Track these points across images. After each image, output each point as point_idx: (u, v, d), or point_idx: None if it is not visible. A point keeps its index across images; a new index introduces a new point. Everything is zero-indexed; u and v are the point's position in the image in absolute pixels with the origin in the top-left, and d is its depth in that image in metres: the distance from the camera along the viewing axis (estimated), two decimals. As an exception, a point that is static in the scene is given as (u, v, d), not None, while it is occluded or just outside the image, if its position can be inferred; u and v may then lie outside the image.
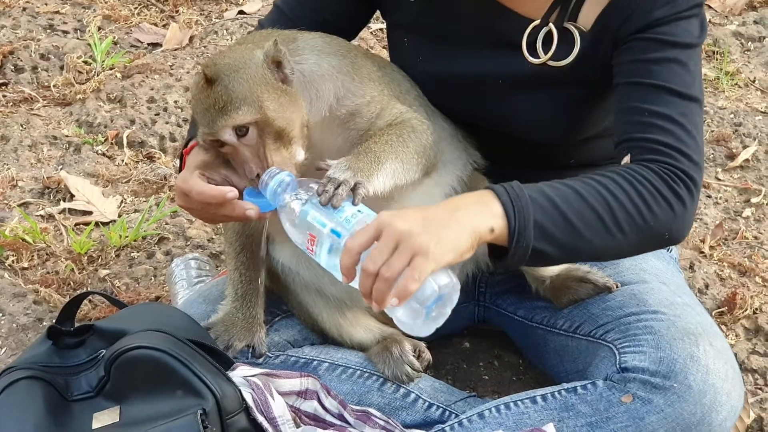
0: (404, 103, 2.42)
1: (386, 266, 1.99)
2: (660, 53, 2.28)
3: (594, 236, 2.18)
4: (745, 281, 3.24)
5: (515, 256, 2.14)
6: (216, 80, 2.18)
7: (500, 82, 2.47)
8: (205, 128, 2.21)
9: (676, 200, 2.22)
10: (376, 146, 2.25)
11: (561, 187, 2.19)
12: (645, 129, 2.26)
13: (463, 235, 2.06)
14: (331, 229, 2.07)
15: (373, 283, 2.00)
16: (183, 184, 2.27)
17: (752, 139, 3.99)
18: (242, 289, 2.51)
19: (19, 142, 3.87)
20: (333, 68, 2.33)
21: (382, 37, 4.62)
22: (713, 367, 2.25)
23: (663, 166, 2.22)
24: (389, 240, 2.00)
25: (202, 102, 2.21)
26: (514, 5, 2.43)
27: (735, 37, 4.74)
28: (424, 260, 1.99)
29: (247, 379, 2.23)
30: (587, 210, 2.16)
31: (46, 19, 4.71)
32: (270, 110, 2.18)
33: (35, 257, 3.31)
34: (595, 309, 2.49)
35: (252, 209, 2.19)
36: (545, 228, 2.13)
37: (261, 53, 2.22)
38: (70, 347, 2.33)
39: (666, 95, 2.26)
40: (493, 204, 2.13)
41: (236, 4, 5.00)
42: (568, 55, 2.39)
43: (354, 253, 2.02)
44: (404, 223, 2.01)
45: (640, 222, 2.20)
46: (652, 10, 2.28)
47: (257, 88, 2.19)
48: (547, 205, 2.14)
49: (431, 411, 2.47)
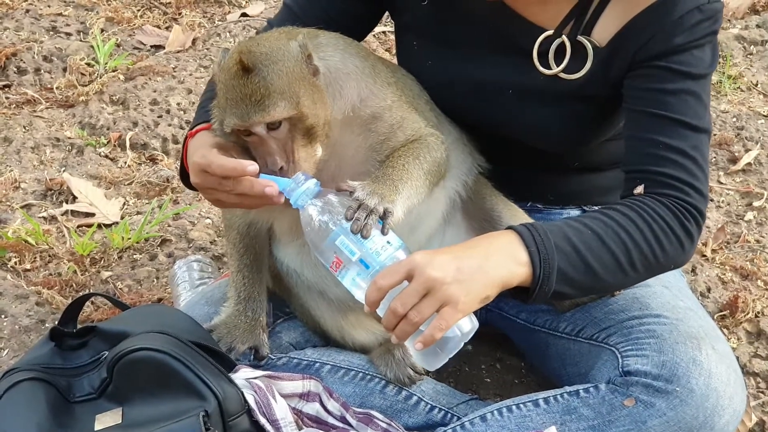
0: (417, 108, 2.42)
1: (415, 311, 2.04)
2: (675, 84, 2.30)
3: (609, 276, 2.24)
4: (747, 285, 3.24)
5: (537, 299, 2.20)
6: (253, 69, 2.14)
7: (510, 90, 2.47)
8: (237, 119, 2.16)
9: (685, 235, 2.28)
10: (395, 172, 2.25)
11: (583, 230, 2.23)
12: (659, 162, 2.29)
13: (491, 287, 2.13)
14: (360, 259, 2.09)
15: (398, 322, 2.06)
16: (201, 160, 2.21)
17: (754, 143, 3.99)
18: (245, 291, 2.50)
19: (21, 143, 3.87)
20: (357, 68, 2.32)
21: (385, 40, 4.62)
22: (716, 370, 2.25)
23: (676, 201, 2.27)
24: (420, 286, 2.05)
25: (236, 90, 2.16)
26: (528, 13, 2.42)
27: (738, 41, 4.74)
28: (452, 311, 2.05)
29: (250, 381, 2.23)
30: (606, 253, 2.22)
31: (49, 21, 4.71)
32: (305, 107, 2.16)
33: (38, 259, 3.31)
34: (598, 312, 2.49)
35: (271, 186, 2.13)
36: (567, 273, 2.19)
37: (296, 45, 2.19)
38: (73, 349, 2.33)
39: (680, 128, 2.29)
40: (519, 252, 2.16)
41: (239, 7, 5.00)
42: (580, 69, 2.39)
43: (383, 291, 2.06)
44: (437, 272, 2.05)
45: (653, 260, 2.26)
46: (671, 38, 2.28)
47: (295, 83, 2.16)
48: (570, 251, 2.19)
49: (433, 413, 2.47)
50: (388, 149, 2.33)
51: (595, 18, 2.37)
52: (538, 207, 2.72)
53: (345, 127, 2.29)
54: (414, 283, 2.05)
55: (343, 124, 2.28)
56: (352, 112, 2.29)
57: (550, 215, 2.72)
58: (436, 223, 2.51)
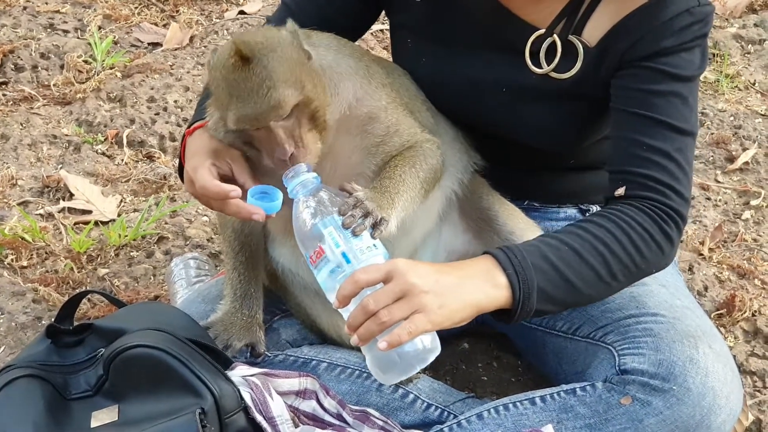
0: (413, 109, 2.42)
1: (387, 311, 2.02)
2: (662, 86, 2.30)
3: (590, 290, 2.24)
4: (744, 283, 3.24)
5: (519, 318, 2.20)
6: (253, 59, 2.10)
7: (503, 88, 2.47)
8: (250, 119, 2.12)
9: (665, 240, 2.28)
10: (392, 183, 2.25)
11: (560, 246, 2.22)
12: (642, 164, 2.29)
13: (466, 308, 2.11)
14: (343, 252, 2.07)
15: (365, 320, 2.03)
16: (192, 173, 2.24)
17: (752, 142, 3.99)
18: (241, 288, 2.50)
19: (18, 140, 3.86)
20: (350, 68, 2.32)
21: (383, 38, 4.62)
22: (712, 369, 2.25)
23: (655, 205, 2.27)
24: (397, 287, 2.04)
25: (238, 85, 2.11)
26: (522, 12, 2.43)
27: (735, 40, 4.74)
28: (424, 319, 2.04)
29: (246, 379, 2.23)
30: (585, 268, 2.21)
31: (46, 18, 4.71)
32: (309, 90, 2.15)
33: (34, 256, 3.30)
34: (595, 311, 2.49)
35: (258, 214, 2.15)
36: (547, 292, 2.19)
37: (286, 32, 2.19)
38: (69, 346, 2.33)
39: (664, 130, 2.29)
40: (497, 276, 2.16)
41: (237, 4, 5.00)
42: (570, 69, 2.40)
43: (359, 286, 2.04)
44: (417, 279, 2.05)
45: (633, 269, 2.27)
46: (660, 39, 2.29)
47: (296, 68, 2.14)
48: (549, 269, 2.19)
49: (430, 411, 2.47)
50: (384, 153, 2.33)
51: (586, 18, 2.38)
52: (534, 205, 2.73)
53: (341, 127, 2.29)
54: (391, 284, 2.04)
55: (339, 124, 2.28)
56: (349, 110, 2.29)
57: (546, 213, 2.72)
58: (433, 221, 2.51)
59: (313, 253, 2.10)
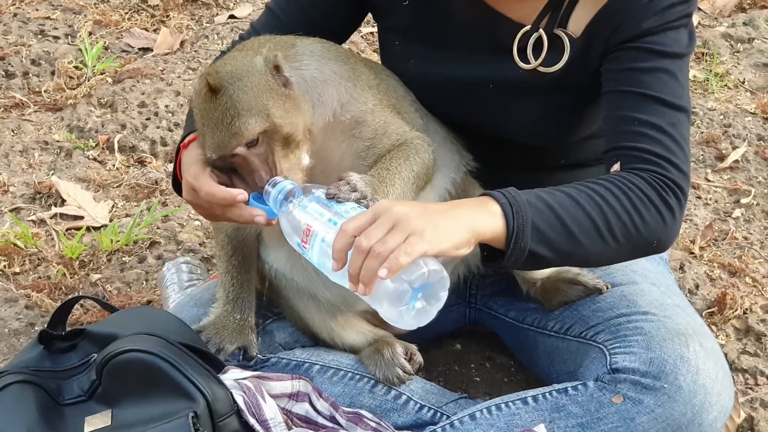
0: (401, 110, 2.43)
1: (380, 242, 1.94)
2: (649, 63, 2.29)
3: (588, 242, 2.18)
4: (735, 282, 3.25)
5: (511, 258, 2.13)
6: (220, 89, 2.15)
7: (491, 87, 2.48)
8: (216, 147, 2.18)
9: (665, 208, 2.23)
10: (389, 174, 2.25)
11: (556, 193, 2.19)
12: (635, 138, 2.26)
13: (461, 228, 2.04)
14: (329, 218, 2.04)
15: (363, 260, 1.95)
16: (193, 181, 2.25)
17: (742, 140, 4.00)
18: (233, 292, 2.51)
19: (10, 147, 3.86)
20: (335, 74, 2.32)
21: (373, 41, 4.63)
22: (703, 367, 2.26)
23: (653, 175, 2.23)
24: (386, 221, 1.98)
25: (208, 114, 2.17)
26: (506, 10, 2.43)
27: (724, 39, 4.76)
28: (419, 239, 1.96)
29: (239, 382, 2.23)
30: (583, 215, 2.16)
31: (37, 24, 4.71)
32: (276, 117, 2.16)
33: (27, 262, 3.30)
34: (586, 310, 2.50)
35: (261, 215, 2.16)
36: (542, 231, 2.13)
37: (261, 59, 2.20)
38: (62, 351, 2.33)
39: (655, 105, 2.27)
40: (491, 205, 2.12)
41: (227, 9, 5.00)
42: (557, 62, 2.40)
43: (348, 235, 1.98)
44: (404, 208, 2.00)
45: (632, 229, 2.20)
46: (641, 21, 2.29)
47: (262, 96, 2.16)
48: (545, 209, 2.14)
49: (422, 413, 2.47)
50: (374, 156, 2.33)
51: (570, 9, 2.39)
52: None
53: (328, 133, 2.30)
54: (380, 219, 1.98)
55: (326, 131, 2.29)
56: (333, 118, 2.29)
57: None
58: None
59: (302, 237, 2.06)
